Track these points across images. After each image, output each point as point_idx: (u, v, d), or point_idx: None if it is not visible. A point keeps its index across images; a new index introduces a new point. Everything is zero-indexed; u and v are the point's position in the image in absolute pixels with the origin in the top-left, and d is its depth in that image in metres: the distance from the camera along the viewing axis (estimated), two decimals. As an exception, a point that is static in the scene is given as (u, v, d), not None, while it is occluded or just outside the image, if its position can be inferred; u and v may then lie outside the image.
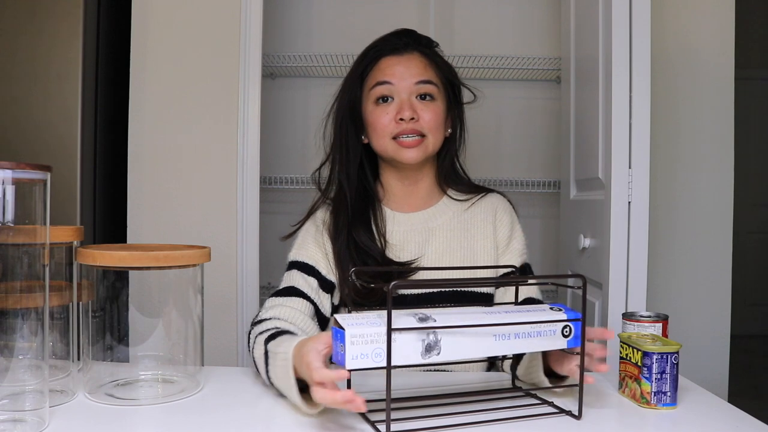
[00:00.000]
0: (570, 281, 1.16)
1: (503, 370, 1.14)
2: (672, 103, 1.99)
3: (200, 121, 1.89)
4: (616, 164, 1.49)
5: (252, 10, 1.87)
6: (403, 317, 0.80)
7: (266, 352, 0.93)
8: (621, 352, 1.00)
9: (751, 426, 0.87)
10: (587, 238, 1.69)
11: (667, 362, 0.92)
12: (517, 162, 2.44)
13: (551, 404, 0.92)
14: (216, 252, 1.14)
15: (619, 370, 1.00)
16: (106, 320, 0.95)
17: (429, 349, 0.79)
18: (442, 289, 1.14)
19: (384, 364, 0.76)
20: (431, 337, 0.79)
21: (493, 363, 1.18)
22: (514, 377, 1.03)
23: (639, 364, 0.94)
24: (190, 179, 1.89)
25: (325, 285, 1.15)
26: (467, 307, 0.87)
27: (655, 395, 0.93)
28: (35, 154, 1.71)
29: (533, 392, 0.97)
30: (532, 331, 0.86)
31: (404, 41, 1.17)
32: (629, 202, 1.50)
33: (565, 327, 0.88)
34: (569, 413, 0.88)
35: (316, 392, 0.78)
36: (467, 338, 0.82)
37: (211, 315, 1.85)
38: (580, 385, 0.87)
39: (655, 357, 0.92)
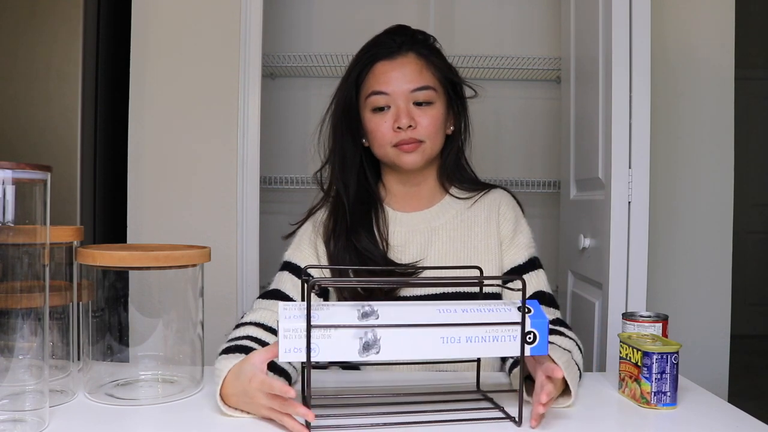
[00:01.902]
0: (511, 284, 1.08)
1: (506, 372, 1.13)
2: (672, 103, 1.99)
3: (200, 121, 1.89)
4: (616, 164, 1.49)
5: (252, 10, 1.87)
6: (346, 310, 0.78)
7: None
8: (621, 352, 1.00)
9: (751, 426, 0.87)
10: (587, 238, 1.69)
11: (667, 362, 0.92)
12: (517, 162, 2.44)
13: (501, 409, 0.88)
14: (216, 252, 1.14)
15: (619, 370, 1.00)
16: (106, 320, 0.95)
17: (367, 347, 0.77)
18: (445, 290, 1.13)
19: (318, 359, 0.77)
20: (369, 335, 0.77)
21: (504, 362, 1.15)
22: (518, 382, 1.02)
23: (639, 364, 0.94)
24: (190, 179, 1.89)
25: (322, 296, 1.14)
26: (421, 304, 0.83)
27: (655, 395, 0.93)
28: (35, 154, 1.71)
29: (490, 395, 0.94)
30: (486, 335, 0.80)
31: (398, 42, 1.14)
32: (629, 202, 1.50)
33: (528, 333, 0.81)
34: (513, 419, 0.84)
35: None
36: (410, 338, 0.78)
37: (211, 315, 1.83)
38: (520, 390, 0.84)
39: (655, 357, 0.92)
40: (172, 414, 0.89)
